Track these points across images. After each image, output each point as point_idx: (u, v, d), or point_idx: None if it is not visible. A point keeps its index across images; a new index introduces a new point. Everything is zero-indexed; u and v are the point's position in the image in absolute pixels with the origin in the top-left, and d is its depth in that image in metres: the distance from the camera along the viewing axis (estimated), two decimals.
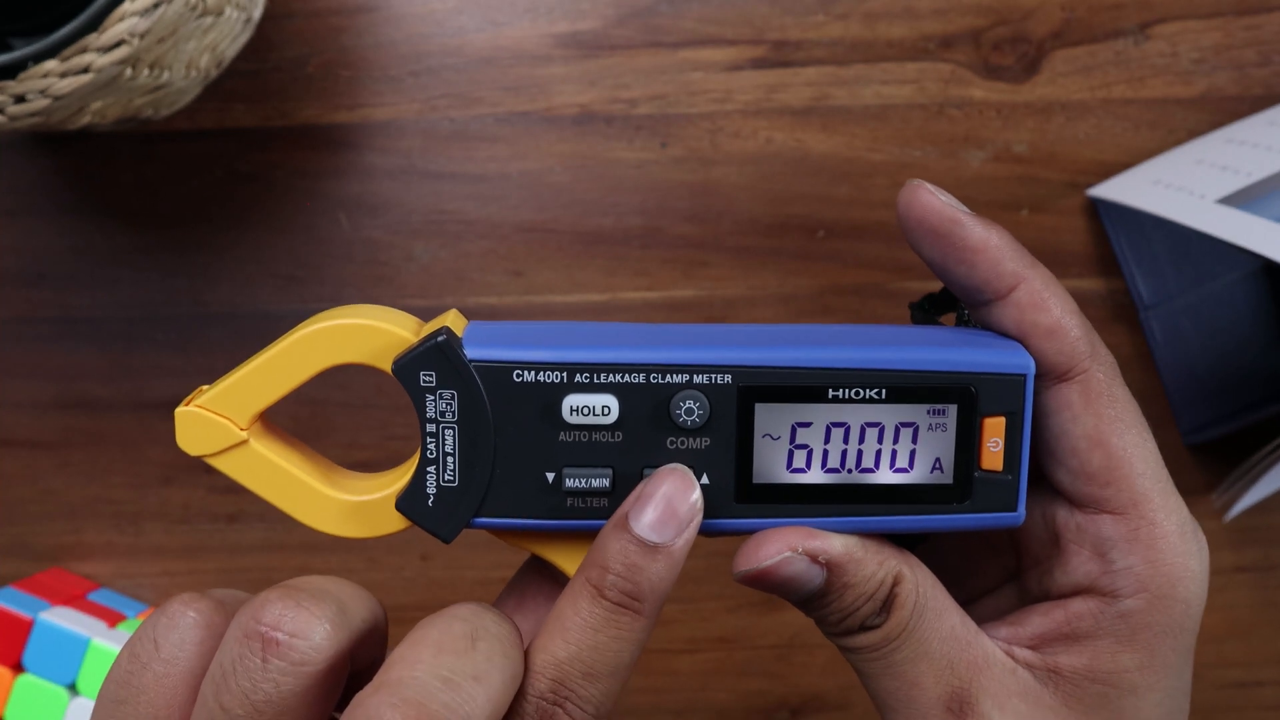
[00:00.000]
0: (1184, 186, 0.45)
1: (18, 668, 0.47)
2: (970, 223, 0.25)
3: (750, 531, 0.25)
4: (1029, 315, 0.24)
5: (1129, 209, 0.47)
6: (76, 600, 0.49)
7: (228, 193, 0.50)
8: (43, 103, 0.35)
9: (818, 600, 0.25)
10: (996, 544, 0.28)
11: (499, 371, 0.24)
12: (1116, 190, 0.48)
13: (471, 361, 0.24)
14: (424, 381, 0.24)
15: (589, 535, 0.25)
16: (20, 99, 0.36)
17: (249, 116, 0.49)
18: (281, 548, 0.52)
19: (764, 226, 0.50)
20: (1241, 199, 0.42)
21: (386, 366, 0.24)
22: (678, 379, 0.24)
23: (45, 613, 0.47)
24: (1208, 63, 0.49)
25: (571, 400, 0.24)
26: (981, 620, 0.26)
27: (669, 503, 0.23)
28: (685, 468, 0.23)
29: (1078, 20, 0.49)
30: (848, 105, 0.49)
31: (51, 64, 0.35)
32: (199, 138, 0.49)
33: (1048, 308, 0.24)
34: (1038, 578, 0.26)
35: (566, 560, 0.25)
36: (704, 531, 0.25)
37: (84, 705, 0.47)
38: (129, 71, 0.37)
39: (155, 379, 0.51)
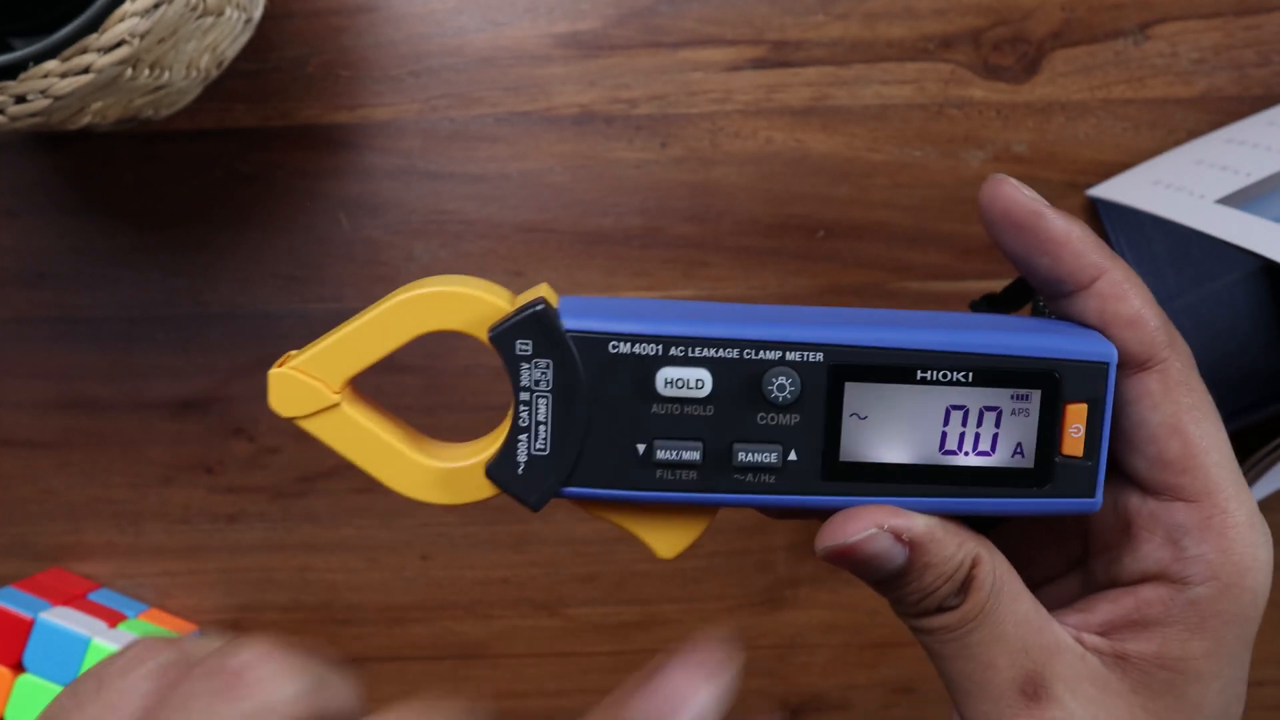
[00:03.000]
0: (1184, 186, 0.45)
1: (18, 668, 0.47)
2: (1053, 215, 0.25)
3: (835, 509, 0.25)
4: (1110, 305, 0.25)
5: (1129, 209, 0.47)
6: (77, 600, 0.49)
7: (228, 193, 0.50)
8: (43, 103, 0.35)
9: (897, 580, 0.25)
10: (1063, 531, 0.28)
11: (595, 342, 0.24)
12: (1116, 190, 0.48)
13: (568, 331, 0.24)
14: (520, 350, 0.24)
15: (675, 508, 0.25)
16: (21, 99, 0.36)
17: (249, 116, 0.49)
18: (281, 548, 0.52)
19: (764, 226, 0.50)
20: (1241, 199, 0.42)
21: (480, 335, 0.25)
22: (771, 355, 0.24)
23: (45, 613, 0.47)
24: (1208, 63, 0.49)
25: (666, 373, 0.24)
26: (1047, 606, 0.26)
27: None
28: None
29: (1078, 20, 0.49)
30: (848, 105, 0.49)
31: (52, 64, 0.35)
32: (199, 138, 0.49)
33: (1128, 298, 0.25)
34: (1105, 564, 0.27)
35: (649, 533, 0.26)
36: (790, 509, 0.25)
37: None
38: (129, 72, 0.37)
39: (155, 379, 0.51)
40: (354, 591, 0.52)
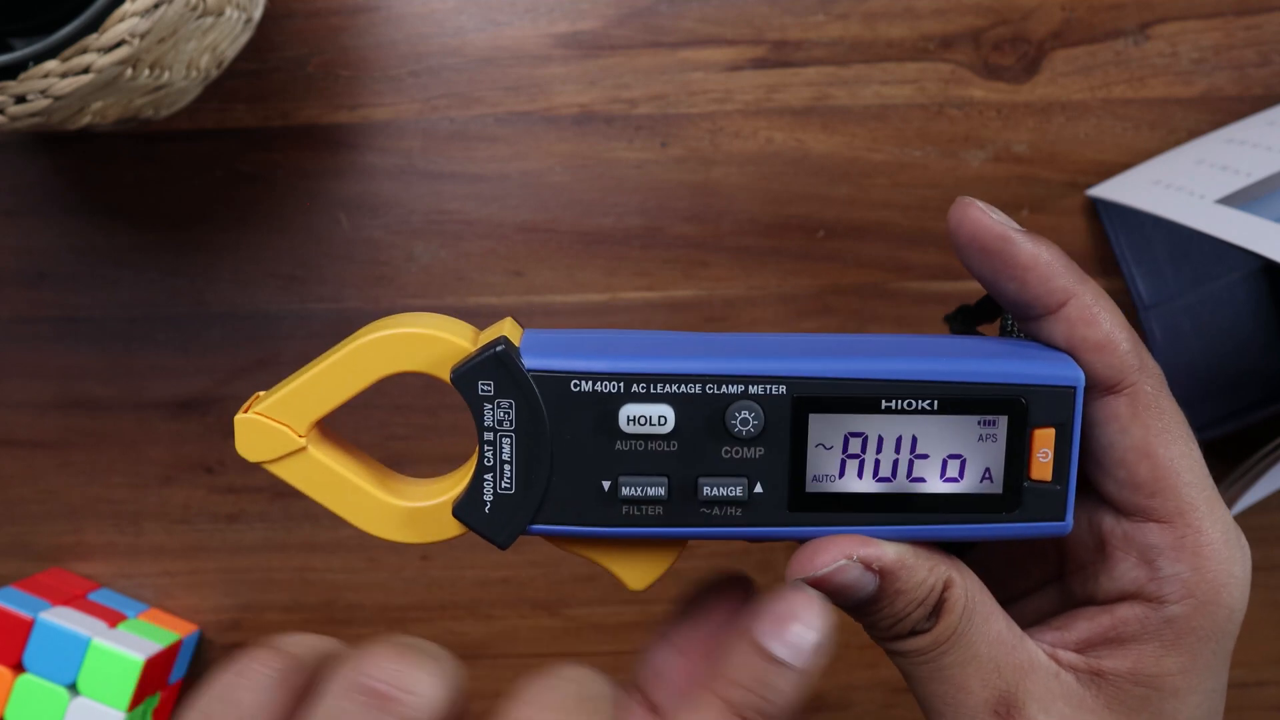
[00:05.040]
0: (1184, 186, 0.45)
1: (18, 668, 0.47)
2: (1021, 240, 0.25)
3: (803, 539, 0.25)
4: (1079, 330, 0.25)
5: (1129, 209, 0.47)
6: (76, 600, 0.49)
7: (228, 193, 0.50)
8: (43, 103, 0.36)
9: (869, 606, 0.25)
10: (1040, 548, 0.28)
11: (556, 381, 0.24)
12: (1116, 190, 0.48)
13: (529, 371, 0.24)
14: (482, 391, 0.24)
15: (643, 542, 0.25)
16: (21, 99, 0.36)
17: (249, 116, 0.49)
18: (282, 548, 0.52)
19: (764, 226, 0.50)
20: (1241, 199, 0.42)
21: (444, 375, 0.25)
22: (733, 389, 0.24)
23: (45, 613, 0.47)
24: (1208, 63, 0.49)
25: (628, 410, 0.24)
26: (1022, 622, 0.26)
27: (804, 625, 0.23)
28: (815, 594, 0.23)
29: (1078, 20, 0.49)
30: (848, 105, 0.49)
31: (52, 64, 0.35)
32: (199, 138, 0.49)
33: (1097, 322, 0.25)
34: (1082, 582, 0.27)
35: (619, 566, 0.26)
36: (756, 539, 0.25)
37: (84, 705, 0.47)
38: (129, 72, 0.37)
39: (155, 379, 0.51)
40: (354, 591, 0.52)
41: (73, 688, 0.47)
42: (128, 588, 0.52)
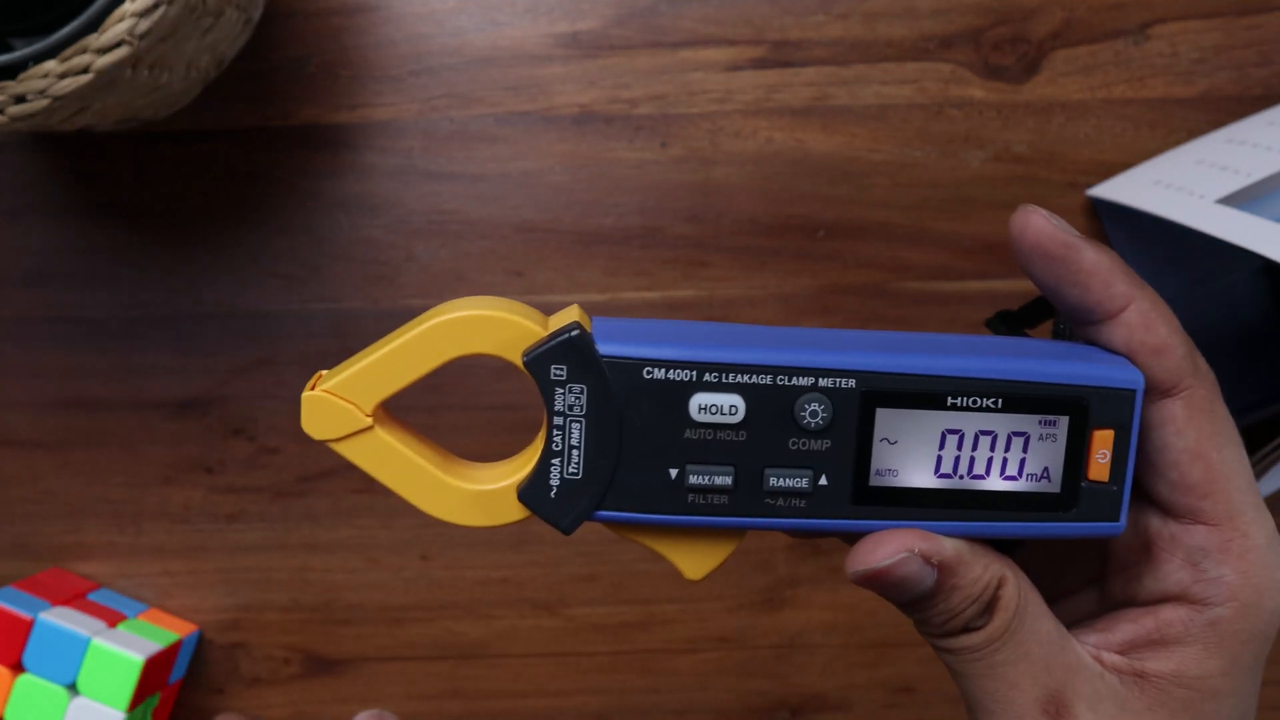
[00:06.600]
0: (1184, 186, 0.45)
1: (18, 668, 0.47)
2: (1084, 246, 0.25)
3: (863, 532, 0.25)
4: (1138, 335, 0.25)
5: (1129, 209, 0.47)
6: (76, 600, 0.49)
7: (228, 193, 0.50)
8: (43, 103, 0.36)
9: (924, 602, 0.25)
10: (1083, 549, 0.29)
11: (629, 368, 0.24)
12: (1116, 190, 0.48)
13: (603, 357, 0.24)
14: (554, 375, 0.24)
15: (707, 532, 0.25)
16: (20, 99, 0.36)
17: (249, 116, 0.49)
18: (282, 548, 0.52)
19: (764, 226, 0.50)
20: (1241, 199, 0.42)
21: (514, 358, 0.25)
22: (804, 381, 0.24)
23: (45, 613, 0.47)
24: (1208, 63, 0.49)
25: (699, 399, 0.24)
26: (1063, 622, 0.27)
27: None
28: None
29: (1078, 20, 0.49)
30: (848, 105, 0.49)
31: (51, 64, 0.35)
32: (199, 138, 0.49)
33: (1156, 328, 0.25)
34: (1124, 583, 0.27)
35: (681, 557, 0.26)
36: (819, 532, 0.26)
37: (84, 705, 0.47)
38: (129, 72, 0.37)
39: (155, 379, 0.51)
40: (354, 591, 0.52)
41: (72, 688, 0.47)
42: (128, 588, 0.52)
